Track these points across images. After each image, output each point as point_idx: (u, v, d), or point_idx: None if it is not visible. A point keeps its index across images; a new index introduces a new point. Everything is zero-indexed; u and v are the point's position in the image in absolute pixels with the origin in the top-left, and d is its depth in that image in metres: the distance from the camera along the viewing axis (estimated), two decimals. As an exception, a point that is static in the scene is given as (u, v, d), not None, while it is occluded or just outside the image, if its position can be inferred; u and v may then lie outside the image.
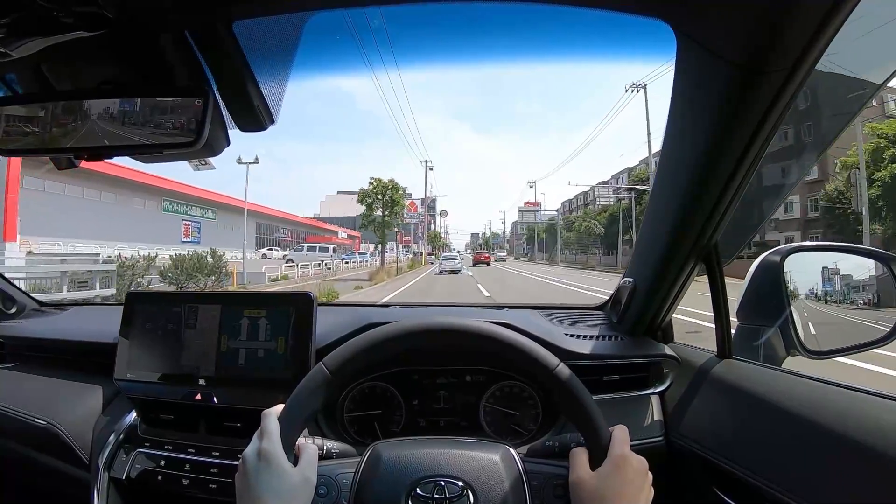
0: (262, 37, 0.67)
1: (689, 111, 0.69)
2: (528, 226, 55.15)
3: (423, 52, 0.77)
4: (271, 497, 0.59)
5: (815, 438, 0.66)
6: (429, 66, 0.78)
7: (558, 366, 0.65)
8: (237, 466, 0.63)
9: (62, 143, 0.67)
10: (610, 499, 0.59)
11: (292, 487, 0.60)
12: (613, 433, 0.64)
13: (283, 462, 0.61)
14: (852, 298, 1.00)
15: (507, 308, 1.28)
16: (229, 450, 0.93)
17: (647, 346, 1.04)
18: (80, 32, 0.63)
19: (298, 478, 0.61)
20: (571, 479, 0.62)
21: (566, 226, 42.65)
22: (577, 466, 0.62)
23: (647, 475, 0.62)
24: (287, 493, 0.60)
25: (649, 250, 0.93)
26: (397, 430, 1.03)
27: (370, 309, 1.32)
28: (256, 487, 0.59)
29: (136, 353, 1.00)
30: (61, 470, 1.08)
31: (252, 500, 0.59)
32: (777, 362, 0.94)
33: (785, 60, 0.54)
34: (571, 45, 0.77)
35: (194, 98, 0.64)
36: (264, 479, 0.59)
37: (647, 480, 0.62)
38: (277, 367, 0.92)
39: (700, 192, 0.75)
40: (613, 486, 0.59)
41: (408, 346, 0.69)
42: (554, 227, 46.06)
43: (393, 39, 0.71)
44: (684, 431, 0.90)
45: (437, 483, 0.63)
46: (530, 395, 1.04)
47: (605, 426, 0.63)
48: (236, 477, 0.63)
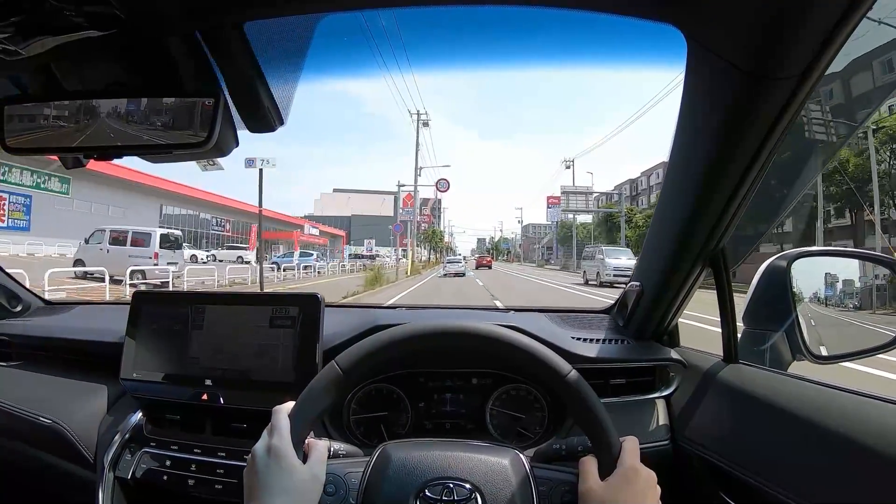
0: (273, 39, 0.67)
1: (699, 116, 0.69)
2: (563, 222, 44.19)
3: (433, 53, 0.77)
4: (280, 493, 0.59)
5: (822, 442, 0.66)
6: (438, 67, 0.78)
7: (570, 372, 0.65)
8: (243, 467, 0.63)
9: (71, 143, 0.67)
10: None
11: (301, 484, 0.61)
12: (624, 444, 0.64)
13: (293, 459, 0.61)
14: (858, 304, 1.00)
15: (513, 311, 1.28)
16: (235, 450, 0.93)
17: (653, 350, 1.04)
18: (90, 32, 0.63)
19: (307, 475, 0.62)
20: (581, 489, 0.62)
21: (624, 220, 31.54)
22: (587, 476, 0.62)
23: (655, 488, 0.62)
24: (296, 489, 0.60)
25: (657, 254, 0.93)
26: (403, 433, 1.03)
27: (377, 311, 1.32)
28: (265, 483, 0.59)
29: (143, 353, 1.00)
30: (66, 469, 1.08)
31: (260, 495, 0.59)
32: (783, 367, 0.94)
33: (795, 67, 0.54)
34: (582, 49, 0.76)
35: (204, 99, 0.64)
36: (273, 475, 0.60)
37: (655, 493, 0.62)
38: (285, 368, 0.92)
39: (708, 197, 0.75)
40: (623, 498, 0.59)
41: (420, 347, 0.69)
42: (612, 219, 35.12)
43: (404, 42, 0.71)
44: (690, 435, 0.90)
45: (446, 485, 0.63)
46: (536, 398, 1.04)
47: (616, 436, 0.63)
48: (245, 472, 0.63)
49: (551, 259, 50.49)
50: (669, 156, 0.78)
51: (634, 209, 35.95)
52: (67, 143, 0.68)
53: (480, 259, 42.50)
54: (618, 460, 0.62)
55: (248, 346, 0.95)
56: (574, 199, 35.87)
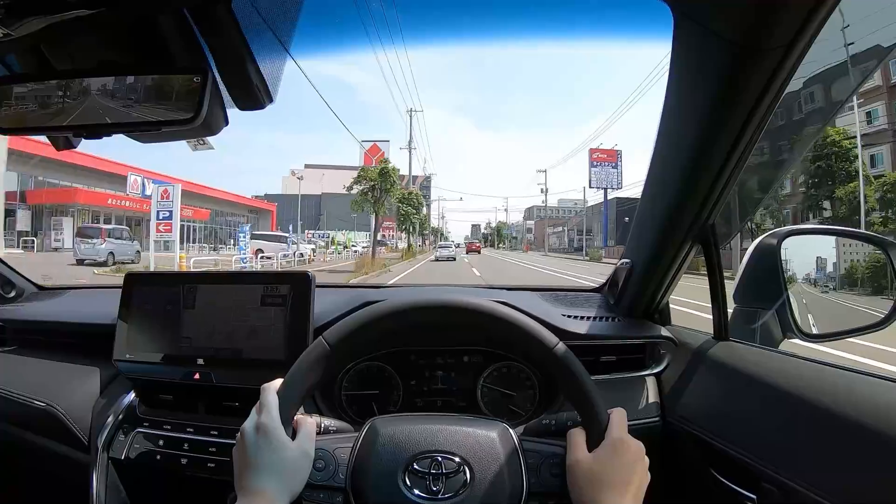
0: (262, 15, 0.67)
1: (686, 89, 0.69)
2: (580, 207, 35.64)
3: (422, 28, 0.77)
4: (269, 470, 0.59)
5: (809, 417, 0.66)
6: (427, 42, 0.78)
7: (557, 345, 0.65)
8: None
9: (61, 122, 0.67)
10: (606, 481, 0.59)
11: (290, 461, 0.61)
12: (612, 416, 0.64)
13: (282, 435, 0.61)
14: (848, 283, 1.01)
15: (505, 290, 1.29)
16: (228, 429, 0.94)
17: (643, 328, 1.05)
18: (80, 10, 0.63)
19: (297, 451, 0.62)
20: (569, 461, 0.62)
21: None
22: (575, 447, 0.63)
23: (643, 459, 0.63)
24: (285, 466, 0.60)
25: (646, 231, 0.93)
26: (394, 410, 1.04)
27: (368, 289, 1.33)
28: (255, 460, 0.60)
29: (135, 335, 1.01)
30: (61, 452, 1.09)
31: (250, 472, 0.59)
32: (774, 345, 0.94)
33: (781, 38, 0.54)
34: (571, 24, 0.77)
35: (193, 76, 0.64)
36: (263, 452, 0.60)
37: (643, 464, 0.63)
38: (276, 346, 0.93)
39: (696, 172, 0.75)
40: (610, 469, 0.60)
41: (407, 321, 0.69)
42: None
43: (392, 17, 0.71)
44: (680, 412, 0.90)
45: (434, 458, 0.63)
46: (528, 375, 1.05)
47: (604, 408, 0.64)
48: (234, 450, 0.63)
49: (586, 246, 38.99)
50: (657, 133, 0.78)
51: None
52: (58, 122, 0.68)
53: (470, 245, 51.15)
54: (605, 432, 0.62)
55: (240, 325, 0.95)
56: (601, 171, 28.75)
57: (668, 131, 0.77)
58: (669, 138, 0.77)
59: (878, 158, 18.00)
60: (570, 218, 49.07)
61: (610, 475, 0.59)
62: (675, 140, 0.76)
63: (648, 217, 0.92)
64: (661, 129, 0.77)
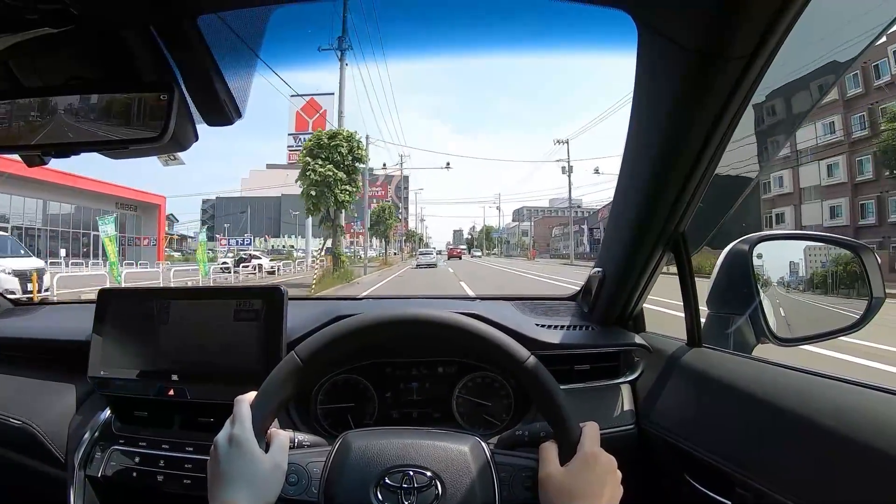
0: (228, 31, 0.67)
1: (651, 99, 0.70)
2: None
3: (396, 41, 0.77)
4: (242, 482, 0.59)
5: (781, 423, 0.67)
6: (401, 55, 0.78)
7: (528, 359, 0.65)
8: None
9: (30, 140, 0.67)
10: (578, 495, 0.59)
11: (263, 473, 0.61)
12: (584, 430, 0.64)
13: (255, 448, 0.62)
14: (821, 287, 1.02)
15: (479, 299, 1.29)
16: (203, 444, 0.93)
17: (617, 336, 1.05)
18: (45, 29, 0.63)
19: (269, 464, 0.62)
20: (541, 474, 0.63)
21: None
22: (547, 461, 0.63)
23: (615, 472, 0.63)
24: (258, 478, 0.61)
25: (617, 240, 0.94)
26: (370, 423, 1.04)
27: (341, 302, 1.32)
28: (228, 472, 0.60)
29: (110, 351, 1.00)
30: (38, 469, 1.07)
31: (223, 485, 0.60)
32: (747, 350, 0.95)
33: (744, 47, 0.55)
34: (540, 36, 0.78)
35: (160, 93, 0.64)
36: (236, 464, 0.60)
37: (615, 477, 0.63)
38: (250, 360, 0.92)
39: (664, 181, 0.76)
40: (582, 483, 0.60)
41: (378, 335, 0.70)
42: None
43: (361, 30, 0.71)
44: (655, 419, 0.91)
45: (406, 472, 0.64)
46: (502, 385, 1.05)
47: (575, 422, 0.64)
48: (208, 463, 0.63)
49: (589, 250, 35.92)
50: (626, 142, 0.79)
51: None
52: (25, 142, 0.68)
53: (451, 251, 51.00)
54: (577, 446, 0.63)
55: (214, 340, 0.95)
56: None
57: (636, 139, 0.77)
58: (637, 147, 0.78)
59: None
60: (598, 211, 41.11)
61: (581, 489, 0.60)
62: (642, 149, 0.77)
63: (618, 225, 0.92)
64: (629, 137, 0.78)
